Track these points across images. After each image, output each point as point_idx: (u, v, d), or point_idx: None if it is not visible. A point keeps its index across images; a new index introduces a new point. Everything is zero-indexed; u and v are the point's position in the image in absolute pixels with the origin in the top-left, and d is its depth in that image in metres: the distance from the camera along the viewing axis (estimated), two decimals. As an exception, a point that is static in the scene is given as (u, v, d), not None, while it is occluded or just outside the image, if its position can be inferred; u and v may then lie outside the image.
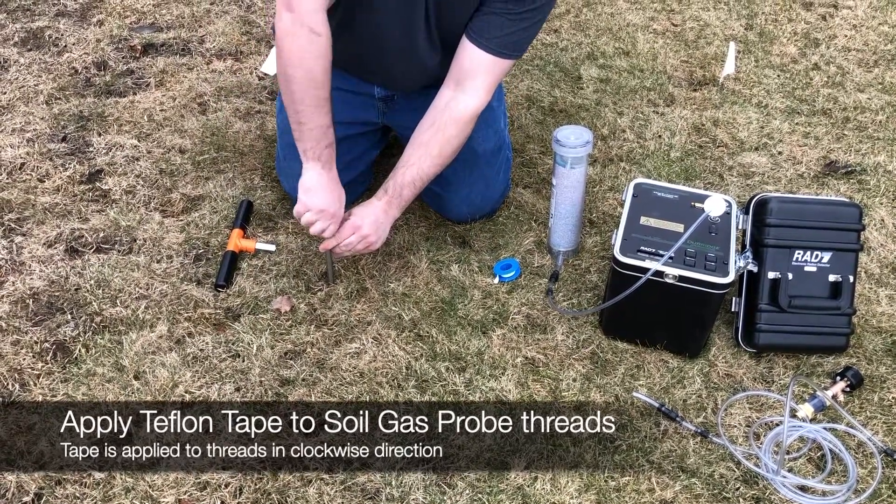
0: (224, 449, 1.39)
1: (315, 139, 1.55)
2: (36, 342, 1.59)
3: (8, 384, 1.51)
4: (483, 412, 1.47)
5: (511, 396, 1.50)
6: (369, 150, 1.91)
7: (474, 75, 1.59)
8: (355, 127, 1.83)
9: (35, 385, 1.51)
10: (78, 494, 1.33)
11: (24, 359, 1.56)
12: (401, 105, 1.81)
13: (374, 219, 1.63)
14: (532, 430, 1.44)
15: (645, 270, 1.46)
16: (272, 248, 1.81)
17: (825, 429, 1.44)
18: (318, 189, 1.58)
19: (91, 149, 2.13)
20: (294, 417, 1.45)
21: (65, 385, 1.51)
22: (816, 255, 1.55)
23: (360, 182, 1.94)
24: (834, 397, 1.48)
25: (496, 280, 1.76)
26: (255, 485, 1.35)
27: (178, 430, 1.42)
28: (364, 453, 1.40)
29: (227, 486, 1.34)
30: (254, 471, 1.36)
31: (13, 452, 1.39)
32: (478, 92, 1.61)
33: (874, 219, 1.93)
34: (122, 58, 2.54)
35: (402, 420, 1.45)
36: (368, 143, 1.89)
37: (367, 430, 1.43)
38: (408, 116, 1.78)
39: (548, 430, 1.44)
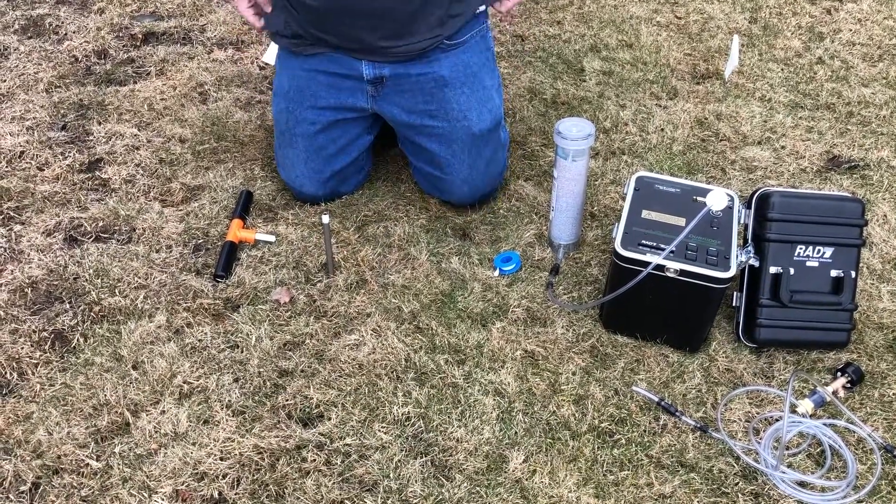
0: (222, 440, 1.39)
1: None
2: (34, 331, 1.59)
3: (6, 373, 1.51)
4: (482, 405, 1.46)
5: (510, 389, 1.50)
6: (362, 135, 1.90)
7: None
8: (344, 112, 1.83)
9: (33, 374, 1.51)
10: (75, 484, 1.33)
11: (23, 348, 1.56)
12: (390, 88, 1.78)
13: None
14: (531, 424, 1.44)
15: (646, 264, 1.45)
16: (272, 238, 1.81)
17: (825, 425, 1.44)
18: None
19: (91, 137, 2.13)
20: (292, 408, 1.45)
21: (63, 374, 1.51)
22: (818, 251, 1.54)
23: (358, 168, 1.94)
24: (834, 393, 1.48)
25: (496, 273, 1.75)
26: (253, 476, 1.34)
27: (176, 421, 1.42)
28: (362, 445, 1.39)
29: (224, 476, 1.34)
30: (252, 462, 1.36)
31: (11, 441, 1.39)
32: None
33: (877, 214, 1.93)
34: (123, 46, 2.53)
35: (400, 412, 1.45)
36: (360, 128, 1.88)
37: (365, 422, 1.43)
38: (397, 100, 1.77)
39: (546, 424, 1.44)
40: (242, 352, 1.56)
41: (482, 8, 1.80)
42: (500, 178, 1.94)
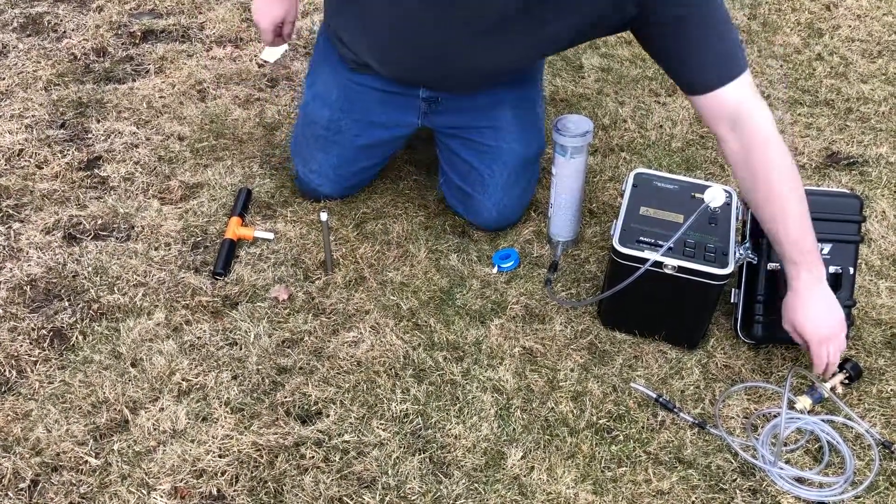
0: (220, 437, 1.39)
1: None
2: (33, 329, 1.59)
3: (5, 371, 1.51)
4: (480, 402, 1.47)
5: (508, 386, 1.50)
6: (390, 156, 1.92)
7: (735, 112, 1.39)
8: (390, 130, 1.81)
9: (32, 372, 1.51)
10: (74, 481, 1.33)
11: (22, 345, 1.56)
12: (445, 107, 1.75)
13: (814, 305, 1.40)
14: (529, 421, 1.44)
15: (644, 261, 1.46)
16: (270, 236, 1.81)
17: (823, 420, 1.44)
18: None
19: (90, 135, 2.13)
20: (291, 406, 1.45)
21: (62, 372, 1.51)
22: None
23: (375, 174, 1.96)
24: (832, 389, 1.48)
25: (495, 270, 1.75)
26: (252, 473, 1.34)
27: (175, 418, 1.42)
28: (361, 442, 1.40)
29: (223, 473, 1.34)
30: (250, 459, 1.36)
31: (10, 439, 1.39)
32: (752, 111, 1.39)
33: (875, 210, 1.93)
34: (122, 44, 2.53)
35: (399, 409, 1.45)
36: (392, 149, 1.89)
37: (363, 419, 1.43)
38: (450, 118, 1.76)
39: (545, 421, 1.44)
40: (241, 349, 1.56)
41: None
42: (524, 210, 1.89)
